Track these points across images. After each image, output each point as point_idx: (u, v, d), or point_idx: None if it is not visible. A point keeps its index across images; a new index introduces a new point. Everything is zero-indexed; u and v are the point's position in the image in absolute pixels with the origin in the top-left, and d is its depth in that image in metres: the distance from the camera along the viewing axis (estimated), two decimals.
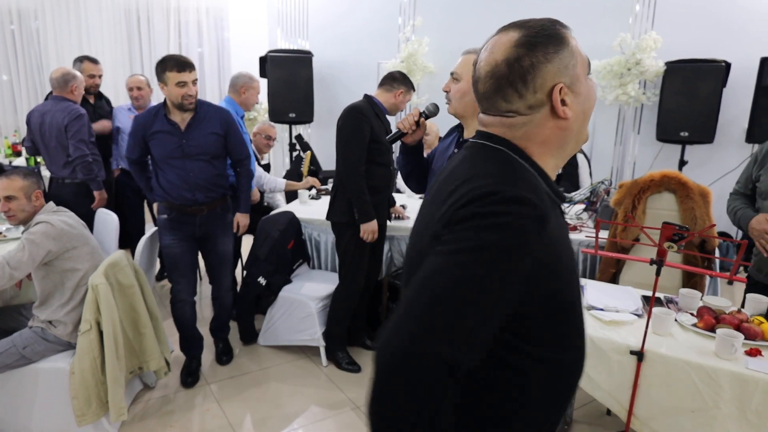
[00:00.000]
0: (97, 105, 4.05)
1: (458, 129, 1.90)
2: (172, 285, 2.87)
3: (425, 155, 2.02)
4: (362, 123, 2.75)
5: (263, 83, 5.31)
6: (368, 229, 2.83)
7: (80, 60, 3.99)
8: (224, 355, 3.16)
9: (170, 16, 6.08)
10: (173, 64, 2.58)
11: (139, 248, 2.77)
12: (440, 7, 5.37)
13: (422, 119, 1.90)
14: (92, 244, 2.42)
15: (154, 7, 6.03)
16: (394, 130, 1.96)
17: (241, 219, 3.03)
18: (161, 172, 2.72)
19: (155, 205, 2.86)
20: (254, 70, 5.12)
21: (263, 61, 5.34)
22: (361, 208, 2.80)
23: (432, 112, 1.95)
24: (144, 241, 2.80)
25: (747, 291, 2.35)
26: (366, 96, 2.89)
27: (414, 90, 2.97)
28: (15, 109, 6.24)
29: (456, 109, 1.80)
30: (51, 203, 2.40)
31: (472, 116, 1.79)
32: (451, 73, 1.80)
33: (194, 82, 2.65)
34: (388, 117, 2.95)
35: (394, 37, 5.49)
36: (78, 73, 3.60)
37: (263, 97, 5.47)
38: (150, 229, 2.94)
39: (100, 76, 4.06)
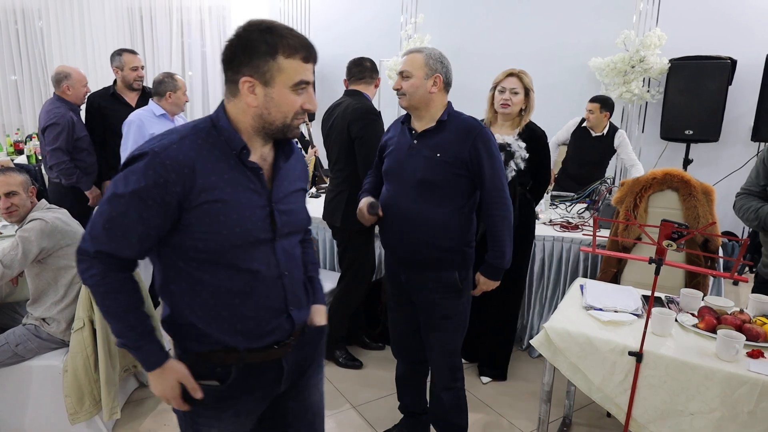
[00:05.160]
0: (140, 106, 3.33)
1: (406, 120, 2.03)
2: None
3: None
4: (379, 123, 2.79)
5: None
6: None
7: (119, 53, 3.42)
8: None
9: (173, 15, 6.08)
10: (298, 45, 1.17)
11: None
12: (442, 5, 5.34)
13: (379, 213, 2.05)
14: None
15: (157, 6, 6.04)
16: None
17: (319, 315, 1.50)
18: (212, 278, 1.21)
19: (171, 360, 1.24)
20: None
21: None
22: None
23: (375, 210, 2.06)
24: None
25: (755, 291, 2.29)
26: (358, 93, 2.91)
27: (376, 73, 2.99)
28: (19, 107, 6.28)
29: (410, 102, 1.96)
30: (44, 201, 2.38)
31: (425, 107, 1.97)
32: (400, 72, 1.98)
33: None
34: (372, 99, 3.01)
35: (396, 34, 5.46)
36: (72, 72, 3.33)
37: None
38: None
39: (143, 67, 3.50)
